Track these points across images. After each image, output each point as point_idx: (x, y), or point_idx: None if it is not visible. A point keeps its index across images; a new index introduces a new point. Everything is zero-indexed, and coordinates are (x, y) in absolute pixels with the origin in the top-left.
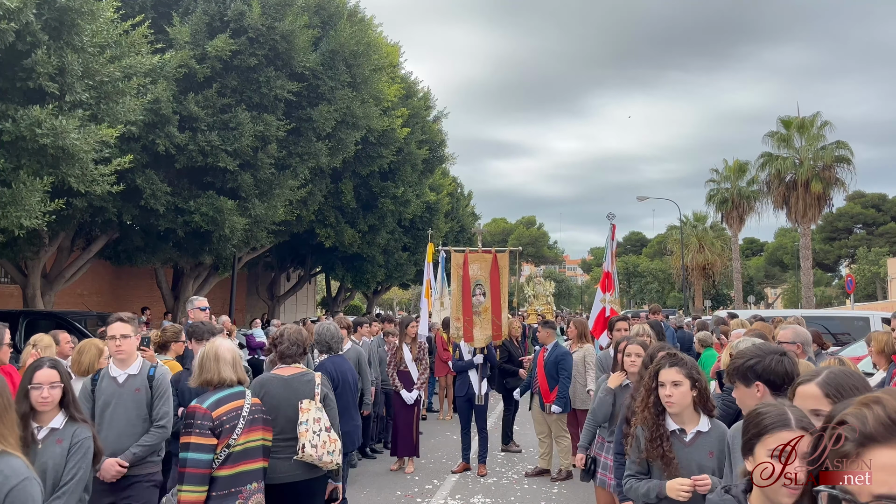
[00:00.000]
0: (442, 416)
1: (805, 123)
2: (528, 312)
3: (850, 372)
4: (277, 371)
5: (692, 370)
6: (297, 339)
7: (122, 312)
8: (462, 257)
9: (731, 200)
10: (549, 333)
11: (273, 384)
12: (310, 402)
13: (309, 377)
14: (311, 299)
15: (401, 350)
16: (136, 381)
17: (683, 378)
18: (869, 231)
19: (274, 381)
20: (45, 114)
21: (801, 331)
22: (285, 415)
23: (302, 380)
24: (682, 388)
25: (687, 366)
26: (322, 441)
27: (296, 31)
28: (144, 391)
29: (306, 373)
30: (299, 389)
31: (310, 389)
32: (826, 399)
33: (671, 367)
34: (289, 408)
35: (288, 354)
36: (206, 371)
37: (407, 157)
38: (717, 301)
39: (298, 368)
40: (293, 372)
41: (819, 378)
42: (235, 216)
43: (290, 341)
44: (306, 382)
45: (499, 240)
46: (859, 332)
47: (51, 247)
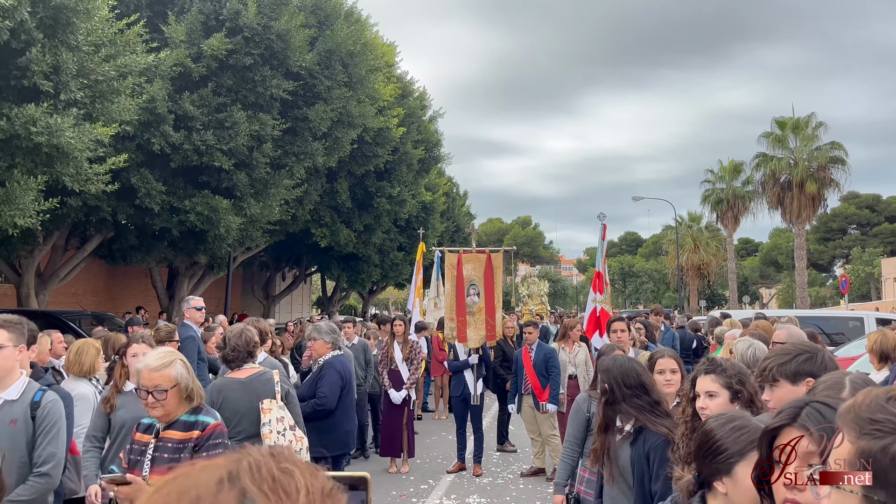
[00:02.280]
0: (437, 416)
1: (800, 124)
2: (522, 312)
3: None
4: (234, 374)
5: (732, 379)
6: (237, 344)
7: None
8: (456, 257)
9: (726, 201)
10: (533, 332)
11: (231, 388)
12: (270, 401)
13: (267, 376)
14: (307, 299)
15: (391, 349)
16: (13, 410)
17: (720, 388)
18: (863, 231)
19: (231, 385)
20: (40, 112)
21: (796, 331)
22: (248, 418)
23: (261, 380)
24: (718, 399)
25: (726, 374)
26: (287, 440)
27: (292, 31)
28: (24, 424)
29: (264, 372)
30: (259, 390)
31: (270, 389)
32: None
33: (706, 374)
34: (250, 411)
35: (230, 360)
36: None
37: (403, 157)
38: (713, 301)
39: (255, 368)
40: (251, 373)
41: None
42: (231, 215)
43: (231, 346)
44: (265, 382)
45: (495, 240)
46: (853, 333)
47: (45, 246)
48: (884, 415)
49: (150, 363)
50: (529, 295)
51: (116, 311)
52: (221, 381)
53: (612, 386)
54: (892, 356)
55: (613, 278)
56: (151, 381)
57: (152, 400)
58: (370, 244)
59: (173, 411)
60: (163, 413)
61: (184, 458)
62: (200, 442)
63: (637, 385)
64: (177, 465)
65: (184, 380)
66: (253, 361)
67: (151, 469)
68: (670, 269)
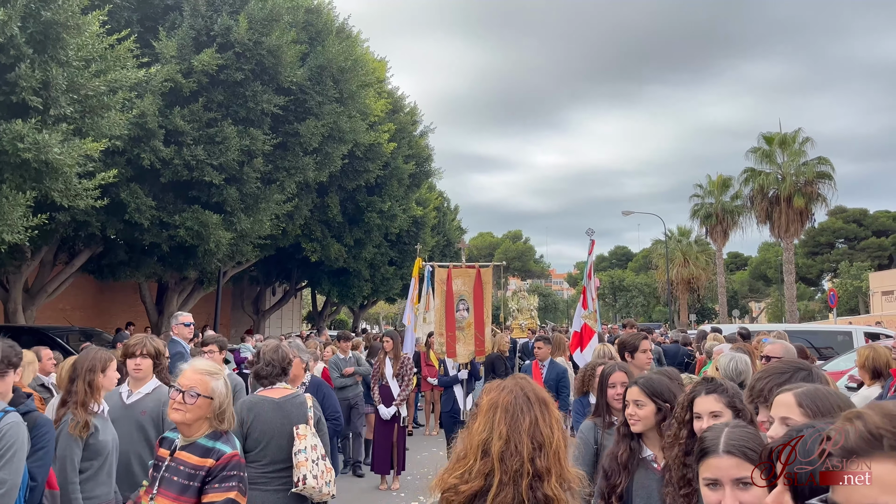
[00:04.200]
0: (428, 432)
1: (787, 139)
2: (512, 326)
3: (835, 392)
4: (266, 392)
5: (734, 398)
6: (272, 358)
7: None
8: (446, 272)
9: (715, 215)
10: (545, 348)
11: (263, 407)
12: (306, 427)
13: (301, 399)
14: (297, 314)
15: (383, 365)
16: None
17: (724, 408)
18: (851, 246)
19: (264, 405)
20: (28, 128)
21: (789, 346)
22: (277, 443)
23: (294, 402)
24: (723, 419)
25: (728, 393)
26: (320, 470)
27: (283, 47)
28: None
29: (297, 394)
30: (292, 413)
31: (303, 413)
32: (798, 408)
33: (708, 394)
34: (281, 435)
35: (263, 375)
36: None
37: (393, 172)
38: (703, 315)
39: (288, 389)
40: (284, 394)
41: (798, 389)
42: (221, 230)
43: (266, 360)
44: (299, 405)
45: (485, 254)
46: (842, 347)
47: (33, 261)
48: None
49: (198, 365)
50: (519, 309)
51: (105, 327)
52: (253, 399)
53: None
54: (885, 372)
55: (604, 292)
56: (190, 381)
57: (180, 400)
58: (361, 259)
59: (194, 425)
60: (182, 419)
61: (193, 486)
62: (213, 472)
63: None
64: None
65: (219, 397)
66: (286, 381)
67: (159, 489)
68: (660, 284)
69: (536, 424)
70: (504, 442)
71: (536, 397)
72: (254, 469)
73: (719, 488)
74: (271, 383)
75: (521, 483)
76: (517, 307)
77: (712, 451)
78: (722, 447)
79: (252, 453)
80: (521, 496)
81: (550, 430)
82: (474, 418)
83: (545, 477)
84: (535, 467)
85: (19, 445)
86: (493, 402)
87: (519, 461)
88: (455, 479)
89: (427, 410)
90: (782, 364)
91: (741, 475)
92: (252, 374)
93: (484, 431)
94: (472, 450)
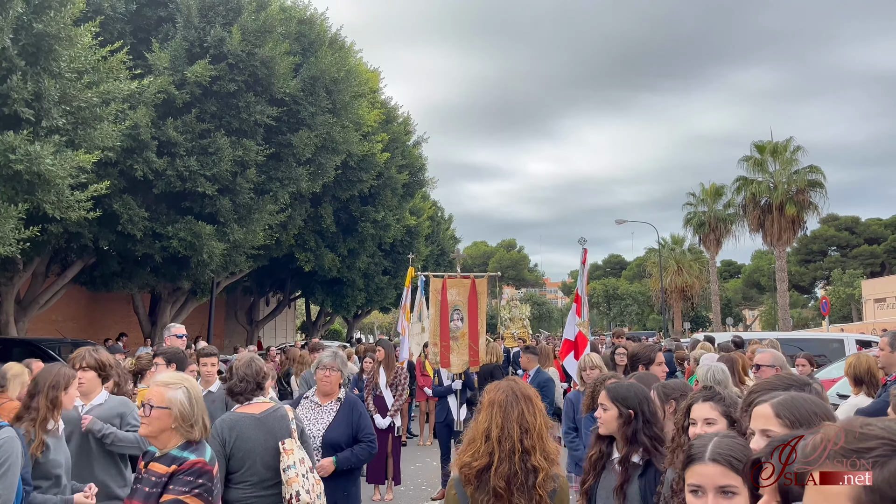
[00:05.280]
0: (422, 442)
1: (778, 148)
2: (504, 336)
3: (811, 398)
4: (244, 409)
5: (731, 408)
6: (246, 373)
7: None
8: (441, 282)
9: (708, 223)
10: (531, 359)
11: (245, 425)
12: (291, 440)
13: (282, 412)
14: (291, 324)
15: (377, 375)
16: None
17: (719, 416)
18: (843, 253)
19: (245, 422)
20: (20, 139)
21: (779, 354)
22: (263, 460)
23: (276, 416)
24: (717, 427)
25: (724, 402)
26: (311, 484)
27: (276, 58)
28: None
29: (278, 407)
30: (275, 427)
31: (286, 426)
32: (776, 419)
33: (704, 401)
34: (266, 451)
35: (238, 392)
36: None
37: (387, 182)
38: (696, 323)
39: (267, 403)
40: (264, 408)
41: (775, 399)
42: (214, 241)
43: (239, 376)
44: (280, 419)
45: (479, 263)
46: (834, 355)
47: (25, 272)
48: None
49: (159, 378)
50: (511, 318)
51: (98, 338)
52: (233, 417)
53: (637, 412)
54: (866, 380)
55: (598, 300)
56: (149, 394)
57: (142, 413)
58: (354, 268)
59: (161, 437)
60: (146, 432)
61: (155, 492)
62: (173, 477)
63: (653, 413)
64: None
65: (178, 407)
66: (263, 395)
67: (132, 500)
68: (654, 292)
69: (523, 415)
70: (500, 429)
71: (523, 394)
72: (242, 490)
73: (702, 495)
74: (247, 399)
75: (514, 458)
76: (509, 316)
77: (698, 459)
78: (708, 455)
79: (237, 474)
80: (515, 467)
81: (534, 418)
82: (479, 412)
83: (531, 452)
84: (523, 446)
85: (14, 460)
86: (491, 399)
87: (511, 442)
88: (468, 457)
89: (421, 420)
90: (777, 379)
91: (725, 483)
92: (226, 391)
93: (486, 422)
94: (479, 436)
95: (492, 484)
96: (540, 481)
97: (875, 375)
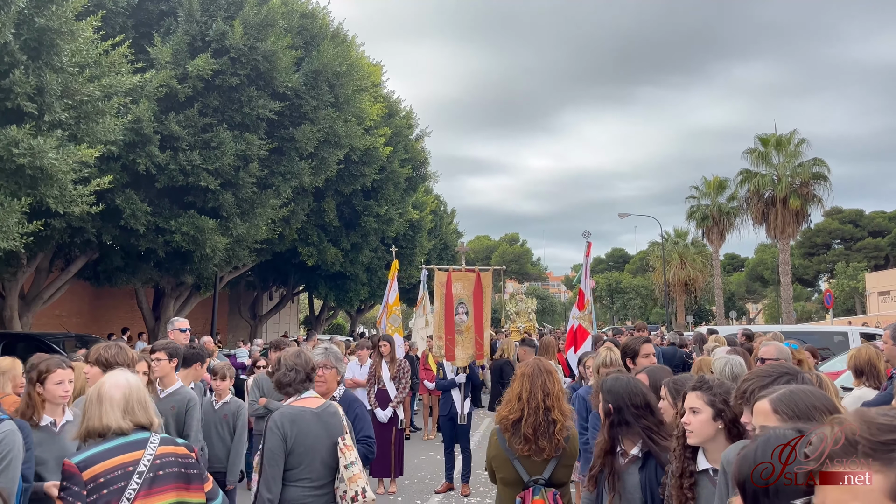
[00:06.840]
0: (426, 436)
1: (782, 141)
2: (510, 330)
3: (810, 390)
4: (301, 402)
5: (717, 397)
6: (296, 363)
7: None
8: (445, 276)
9: (711, 217)
10: (527, 352)
11: (306, 420)
12: (348, 437)
13: (334, 409)
14: (294, 318)
15: (379, 368)
16: None
17: (704, 405)
18: (847, 246)
19: (306, 416)
20: (23, 134)
21: (783, 347)
22: (321, 457)
23: (330, 412)
24: (700, 416)
25: (712, 391)
26: (366, 481)
27: (278, 52)
28: None
29: (330, 404)
30: (331, 424)
31: (339, 423)
32: (774, 415)
33: (693, 391)
34: (324, 448)
35: (287, 382)
36: (87, 418)
37: (390, 176)
38: (700, 317)
39: (320, 399)
40: (319, 403)
41: (773, 395)
42: (217, 235)
43: (289, 366)
44: (333, 415)
45: (482, 257)
46: (838, 348)
47: (29, 267)
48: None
49: None
50: (517, 312)
51: (101, 333)
52: (293, 411)
53: (619, 406)
54: (866, 370)
55: (601, 294)
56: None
57: None
58: (357, 263)
59: None
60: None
61: None
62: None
63: (644, 405)
64: None
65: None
66: (312, 388)
67: None
68: (657, 285)
69: (545, 383)
70: (528, 392)
71: (545, 369)
72: (300, 489)
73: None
74: (297, 391)
75: (539, 413)
76: (515, 310)
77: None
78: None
79: (295, 471)
80: (540, 419)
81: (553, 385)
82: (514, 381)
83: (552, 409)
84: (545, 405)
85: (16, 453)
86: (522, 372)
87: (536, 402)
88: (505, 412)
89: (425, 414)
90: (768, 367)
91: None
92: (274, 383)
93: (518, 387)
94: (514, 397)
95: (523, 431)
96: (557, 430)
97: (876, 366)
